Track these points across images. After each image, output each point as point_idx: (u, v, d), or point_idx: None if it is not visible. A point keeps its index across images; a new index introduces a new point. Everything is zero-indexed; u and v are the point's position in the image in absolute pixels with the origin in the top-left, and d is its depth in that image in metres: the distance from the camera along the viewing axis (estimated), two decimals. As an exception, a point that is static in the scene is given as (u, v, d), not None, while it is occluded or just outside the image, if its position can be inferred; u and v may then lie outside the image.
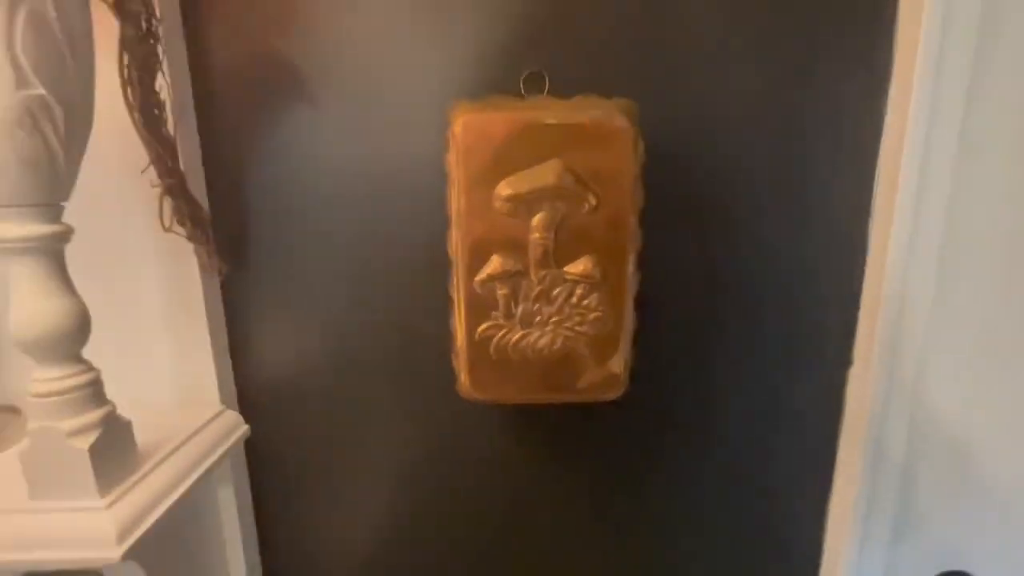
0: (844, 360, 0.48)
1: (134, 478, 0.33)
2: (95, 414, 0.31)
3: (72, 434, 0.30)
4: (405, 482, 0.49)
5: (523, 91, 0.41)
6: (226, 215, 0.43)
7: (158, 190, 0.37)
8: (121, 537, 0.30)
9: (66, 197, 0.29)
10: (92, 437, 0.30)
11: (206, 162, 0.42)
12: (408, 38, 0.41)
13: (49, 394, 0.29)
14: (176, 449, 0.37)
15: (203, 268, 0.41)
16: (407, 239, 0.44)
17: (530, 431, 0.46)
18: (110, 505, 0.30)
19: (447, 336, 0.41)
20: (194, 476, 0.36)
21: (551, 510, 0.48)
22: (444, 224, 0.38)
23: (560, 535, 0.49)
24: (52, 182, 0.28)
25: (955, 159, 0.42)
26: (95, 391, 0.31)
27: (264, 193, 0.43)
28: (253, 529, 0.49)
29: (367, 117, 0.43)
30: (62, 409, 0.30)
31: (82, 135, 0.29)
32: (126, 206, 0.38)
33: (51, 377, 0.30)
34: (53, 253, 0.29)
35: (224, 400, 0.44)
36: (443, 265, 0.39)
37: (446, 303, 0.40)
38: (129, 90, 0.32)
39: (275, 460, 0.48)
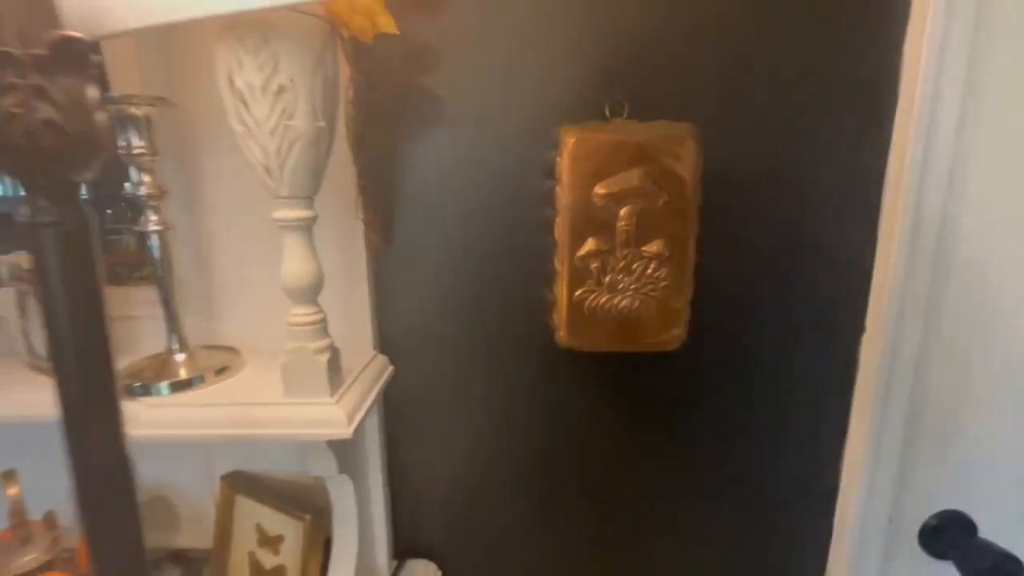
0: (858, 328, 0.60)
1: (342, 389, 0.47)
2: (325, 341, 0.45)
3: (315, 352, 0.44)
4: (502, 416, 0.62)
5: (608, 114, 0.55)
6: (379, 208, 0.57)
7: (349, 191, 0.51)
8: (349, 421, 0.44)
9: (317, 193, 0.44)
10: (326, 356, 0.45)
11: (368, 172, 0.57)
12: (518, 73, 0.55)
13: (302, 324, 0.44)
14: (358, 376, 0.51)
15: (368, 247, 0.56)
16: (509, 227, 0.58)
17: (607, 377, 0.59)
18: (337, 401, 0.45)
19: (539, 301, 0.55)
20: (374, 393, 0.51)
21: (618, 438, 0.61)
22: (537, 215, 0.52)
23: (623, 457, 0.63)
24: (316, 182, 0.42)
25: (952, 154, 0.54)
26: (324, 326, 0.46)
27: (407, 192, 0.58)
28: (385, 449, 0.64)
29: (484, 134, 0.56)
30: (308, 335, 0.44)
31: (329, 152, 0.43)
32: (325, 201, 0.52)
33: (302, 313, 0.44)
34: (309, 230, 0.44)
35: (374, 347, 0.59)
36: (535, 247, 0.52)
37: (537, 276, 0.53)
38: (349, 125, 0.47)
39: (402, 397, 0.63)
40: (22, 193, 0.25)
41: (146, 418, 0.45)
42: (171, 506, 0.66)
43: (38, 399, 0.48)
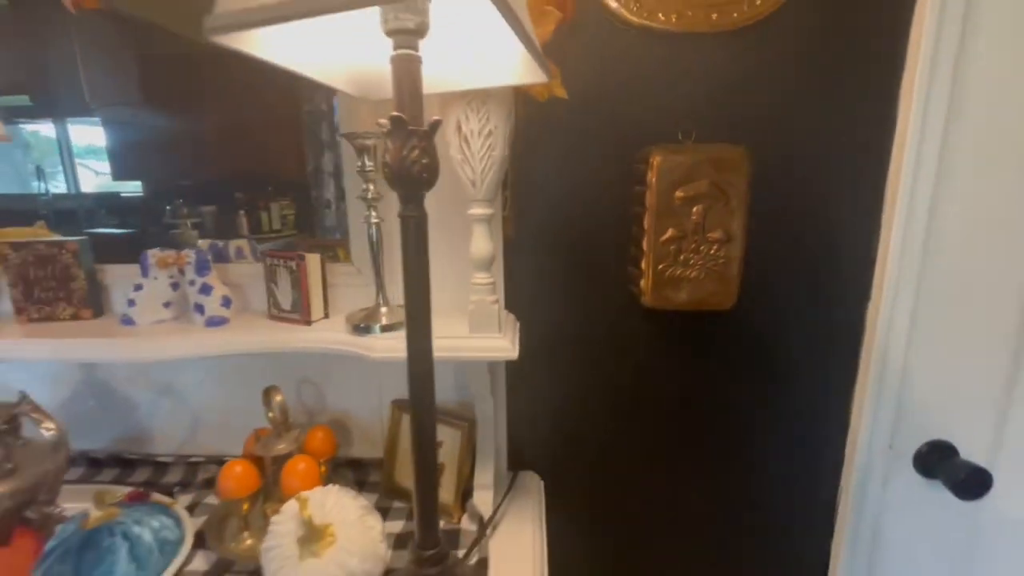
0: (865, 296, 0.80)
1: (504, 329, 0.69)
2: (495, 296, 0.67)
3: (490, 303, 0.66)
4: (597, 359, 0.84)
5: (680, 138, 0.75)
6: (514, 207, 0.79)
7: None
8: (513, 350, 0.66)
9: (496, 197, 0.66)
10: (496, 306, 0.67)
11: (512, 183, 0.79)
12: (617, 108, 0.76)
13: (483, 284, 0.66)
14: (506, 322, 0.73)
15: (504, 235, 0.77)
16: (607, 221, 0.79)
17: (677, 329, 0.81)
18: (504, 338, 0.67)
19: (629, 274, 0.76)
20: (517, 335, 0.73)
21: (683, 375, 0.83)
22: (628, 212, 0.73)
23: (687, 389, 0.84)
24: (498, 190, 0.64)
25: (936, 174, 0.73)
26: (494, 287, 0.68)
27: (533, 195, 0.79)
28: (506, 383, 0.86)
29: (591, 154, 0.78)
30: (486, 291, 0.66)
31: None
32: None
33: (482, 277, 0.66)
34: (489, 222, 0.65)
35: (505, 307, 0.81)
36: (625, 235, 0.74)
37: (627, 257, 0.75)
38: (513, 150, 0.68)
39: (523, 343, 0.84)
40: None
41: (380, 346, 0.68)
42: (347, 425, 0.89)
43: (282, 338, 0.72)
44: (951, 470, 0.83)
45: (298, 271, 0.73)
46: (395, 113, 0.45)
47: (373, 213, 0.70)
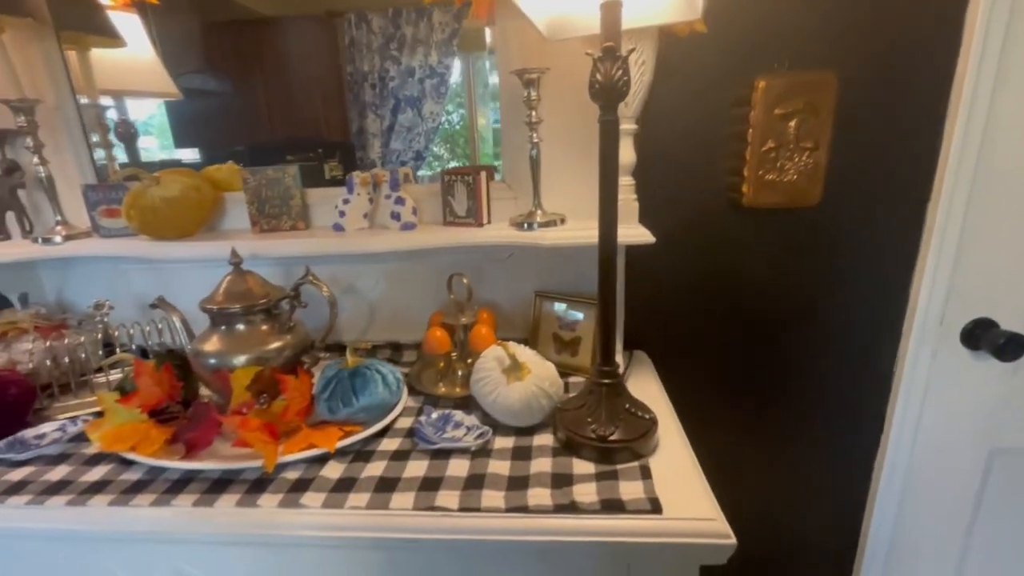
0: (925, 196, 0.97)
1: (638, 224, 0.89)
2: (635, 196, 0.87)
3: (632, 200, 0.86)
4: (702, 249, 1.03)
5: (776, 66, 0.92)
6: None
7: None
8: (651, 237, 0.86)
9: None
10: (636, 203, 0.87)
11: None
12: (724, 42, 0.93)
13: (626, 185, 0.86)
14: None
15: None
16: (716, 136, 0.97)
17: (773, 224, 1.00)
18: (641, 228, 0.87)
19: (732, 180, 0.95)
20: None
21: (778, 262, 1.02)
22: (732, 130, 0.91)
23: (778, 274, 1.03)
24: (640, 109, 0.83)
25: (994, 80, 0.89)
26: (633, 187, 0.87)
27: (657, 115, 0.97)
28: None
29: (703, 80, 0.95)
30: (629, 192, 0.86)
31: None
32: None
33: (625, 181, 0.86)
34: (632, 135, 0.85)
35: (625, 214, 1.01)
36: (730, 148, 0.92)
37: (731, 165, 0.93)
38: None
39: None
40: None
41: (549, 236, 0.89)
42: (493, 313, 1.11)
43: (465, 236, 0.93)
44: (992, 338, 1.02)
45: (474, 183, 0.93)
46: (607, 44, 0.63)
47: (534, 135, 0.90)
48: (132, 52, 1.19)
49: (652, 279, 1.07)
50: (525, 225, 0.93)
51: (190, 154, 1.21)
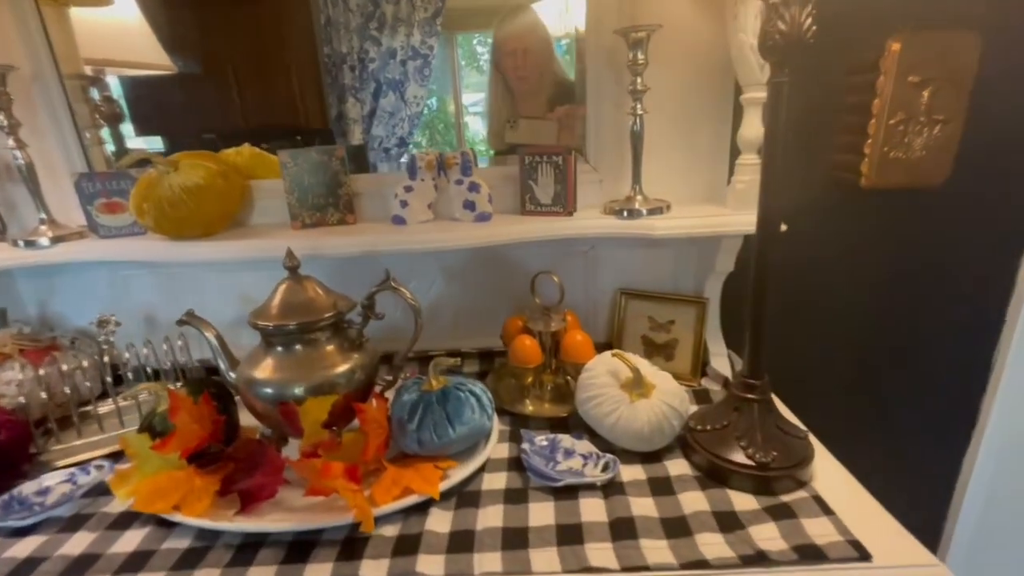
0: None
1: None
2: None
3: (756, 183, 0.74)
4: (822, 225, 0.91)
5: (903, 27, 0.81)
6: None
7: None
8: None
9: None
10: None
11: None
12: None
13: (749, 165, 0.74)
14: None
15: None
16: (835, 107, 0.86)
17: (892, 206, 0.89)
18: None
19: (850, 159, 0.84)
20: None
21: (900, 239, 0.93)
22: (853, 101, 0.80)
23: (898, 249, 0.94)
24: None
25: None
26: (758, 167, 0.75)
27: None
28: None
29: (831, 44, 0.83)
30: (751, 171, 0.74)
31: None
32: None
33: (748, 159, 0.74)
34: (760, 106, 0.72)
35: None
36: (848, 123, 0.81)
37: (851, 142, 0.82)
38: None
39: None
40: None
41: (661, 225, 0.76)
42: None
43: (556, 227, 0.79)
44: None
45: (564, 166, 0.79)
46: (796, -16, 0.51)
47: (638, 105, 0.77)
48: (118, 13, 1.00)
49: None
50: (625, 213, 0.80)
51: (151, 143, 1.05)
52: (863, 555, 0.52)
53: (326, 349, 0.68)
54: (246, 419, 0.74)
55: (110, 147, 0.97)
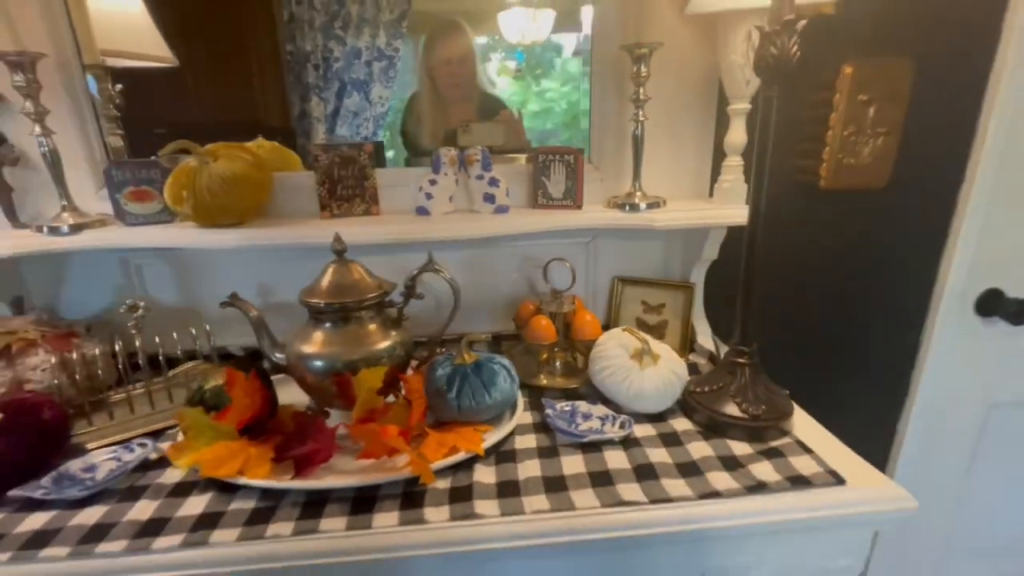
0: (960, 179, 1.07)
1: (744, 204, 0.90)
2: (743, 176, 0.88)
3: (740, 182, 0.87)
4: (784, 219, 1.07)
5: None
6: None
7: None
8: (760, 215, 0.87)
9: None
10: (743, 182, 0.87)
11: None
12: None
13: (734, 166, 0.86)
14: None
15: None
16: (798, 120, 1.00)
17: (844, 204, 1.04)
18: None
19: (808, 164, 0.99)
20: (740, 211, 0.94)
21: (845, 234, 1.08)
22: (813, 114, 0.95)
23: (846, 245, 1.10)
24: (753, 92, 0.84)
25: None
26: (742, 168, 0.88)
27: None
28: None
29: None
30: (735, 171, 0.86)
31: (754, 74, 0.84)
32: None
33: (734, 161, 0.86)
34: (744, 116, 0.85)
35: (706, 196, 1.02)
36: (810, 132, 0.96)
37: (810, 149, 0.97)
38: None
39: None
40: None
41: (661, 218, 0.87)
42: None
43: (570, 219, 0.89)
44: (1004, 306, 1.16)
45: (575, 163, 0.89)
46: (788, 17, 0.62)
47: (640, 112, 0.87)
48: (123, 5, 1.00)
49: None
50: (627, 207, 0.90)
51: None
52: (839, 480, 0.64)
53: (369, 327, 0.75)
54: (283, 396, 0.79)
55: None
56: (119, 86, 0.93)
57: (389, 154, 1.06)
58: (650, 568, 0.65)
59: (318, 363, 0.72)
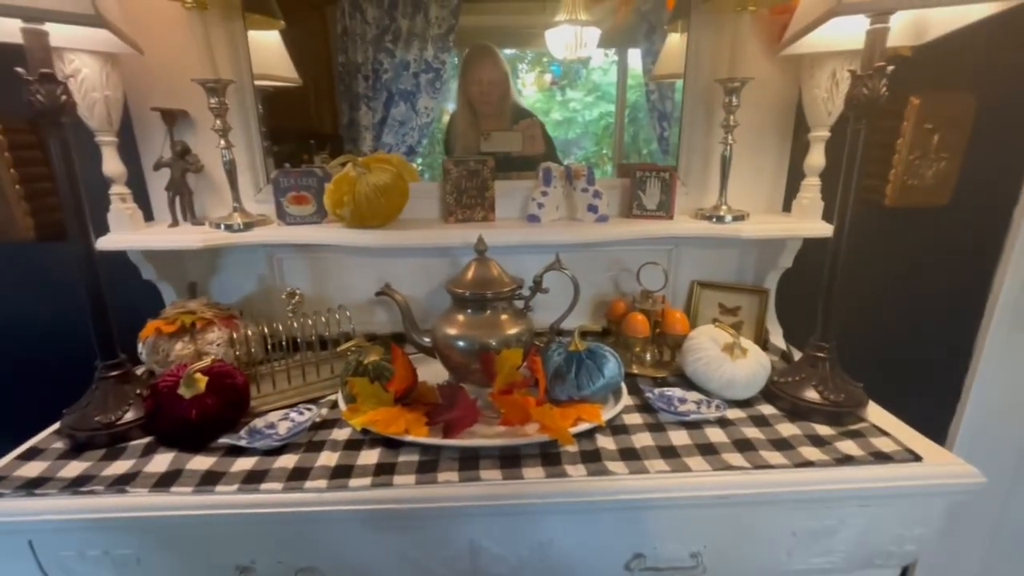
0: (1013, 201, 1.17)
1: (821, 219, 1.01)
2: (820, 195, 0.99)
3: (818, 200, 0.98)
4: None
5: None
6: (788, 136, 1.10)
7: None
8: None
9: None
10: (821, 200, 0.99)
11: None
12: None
13: (812, 185, 0.97)
14: (801, 217, 1.05)
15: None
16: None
17: (910, 219, 1.15)
18: (821, 223, 0.99)
19: (876, 184, 1.10)
20: (814, 225, 1.05)
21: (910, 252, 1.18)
22: (881, 140, 1.06)
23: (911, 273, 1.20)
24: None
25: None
26: (819, 188, 0.99)
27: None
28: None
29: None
30: (815, 191, 0.98)
31: (833, 105, 0.96)
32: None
33: (812, 181, 0.97)
34: (823, 142, 0.96)
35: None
36: (877, 157, 1.07)
37: (878, 172, 1.08)
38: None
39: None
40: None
41: (747, 229, 0.99)
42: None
43: (664, 228, 1.02)
44: (1055, 319, 1.24)
45: (670, 180, 1.01)
46: (879, 64, 0.74)
47: (730, 137, 0.99)
48: (267, 37, 1.16)
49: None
50: (714, 219, 1.02)
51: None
52: (916, 457, 0.75)
53: (503, 316, 0.88)
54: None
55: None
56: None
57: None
58: (750, 525, 0.76)
59: (461, 343, 0.85)
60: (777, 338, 1.12)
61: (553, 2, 1.03)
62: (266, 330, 0.97)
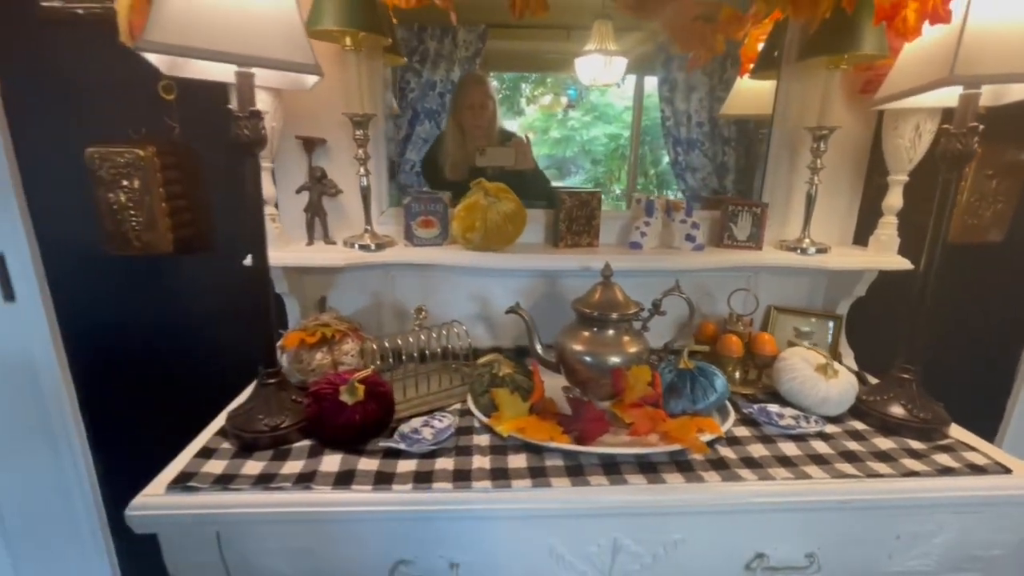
0: (1057, 239, 1.29)
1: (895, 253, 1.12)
2: (896, 231, 1.10)
3: (895, 236, 1.09)
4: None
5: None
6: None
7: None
8: (906, 264, 1.09)
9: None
10: (897, 236, 1.09)
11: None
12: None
13: (891, 220, 1.08)
14: (873, 251, 1.16)
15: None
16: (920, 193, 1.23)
17: (968, 254, 1.26)
18: (898, 257, 1.10)
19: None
20: (886, 258, 1.16)
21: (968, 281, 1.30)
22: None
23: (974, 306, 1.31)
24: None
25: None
26: (894, 225, 1.10)
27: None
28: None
29: (911, 142, 1.21)
30: (892, 228, 1.09)
31: (911, 153, 1.07)
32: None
33: (889, 220, 1.09)
34: (901, 186, 1.08)
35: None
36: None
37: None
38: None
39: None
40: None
41: (833, 261, 1.09)
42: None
43: (754, 258, 1.13)
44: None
45: (761, 215, 1.12)
46: (973, 124, 0.85)
47: (815, 177, 1.10)
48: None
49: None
50: (799, 250, 1.13)
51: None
52: (1006, 470, 0.84)
53: (624, 336, 0.97)
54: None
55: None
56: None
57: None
58: (859, 528, 0.84)
59: (588, 358, 0.94)
60: (849, 360, 1.22)
61: (578, 31, 1.14)
62: (399, 342, 1.05)
